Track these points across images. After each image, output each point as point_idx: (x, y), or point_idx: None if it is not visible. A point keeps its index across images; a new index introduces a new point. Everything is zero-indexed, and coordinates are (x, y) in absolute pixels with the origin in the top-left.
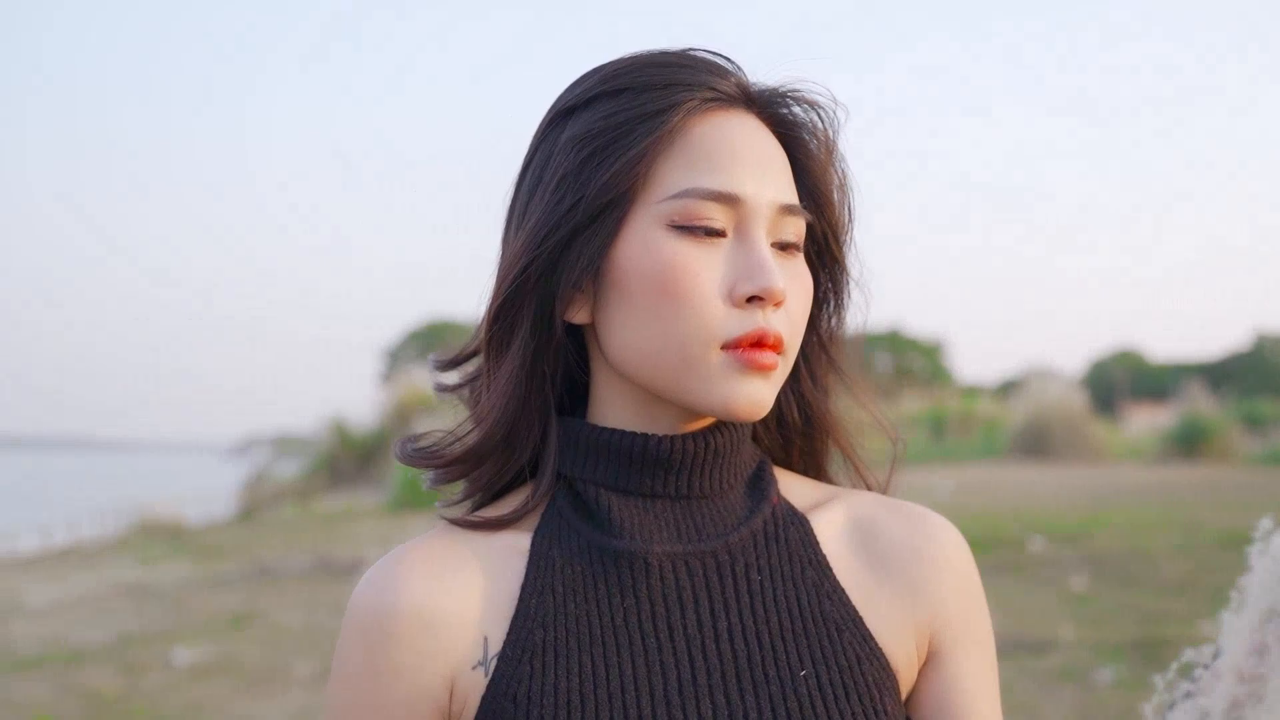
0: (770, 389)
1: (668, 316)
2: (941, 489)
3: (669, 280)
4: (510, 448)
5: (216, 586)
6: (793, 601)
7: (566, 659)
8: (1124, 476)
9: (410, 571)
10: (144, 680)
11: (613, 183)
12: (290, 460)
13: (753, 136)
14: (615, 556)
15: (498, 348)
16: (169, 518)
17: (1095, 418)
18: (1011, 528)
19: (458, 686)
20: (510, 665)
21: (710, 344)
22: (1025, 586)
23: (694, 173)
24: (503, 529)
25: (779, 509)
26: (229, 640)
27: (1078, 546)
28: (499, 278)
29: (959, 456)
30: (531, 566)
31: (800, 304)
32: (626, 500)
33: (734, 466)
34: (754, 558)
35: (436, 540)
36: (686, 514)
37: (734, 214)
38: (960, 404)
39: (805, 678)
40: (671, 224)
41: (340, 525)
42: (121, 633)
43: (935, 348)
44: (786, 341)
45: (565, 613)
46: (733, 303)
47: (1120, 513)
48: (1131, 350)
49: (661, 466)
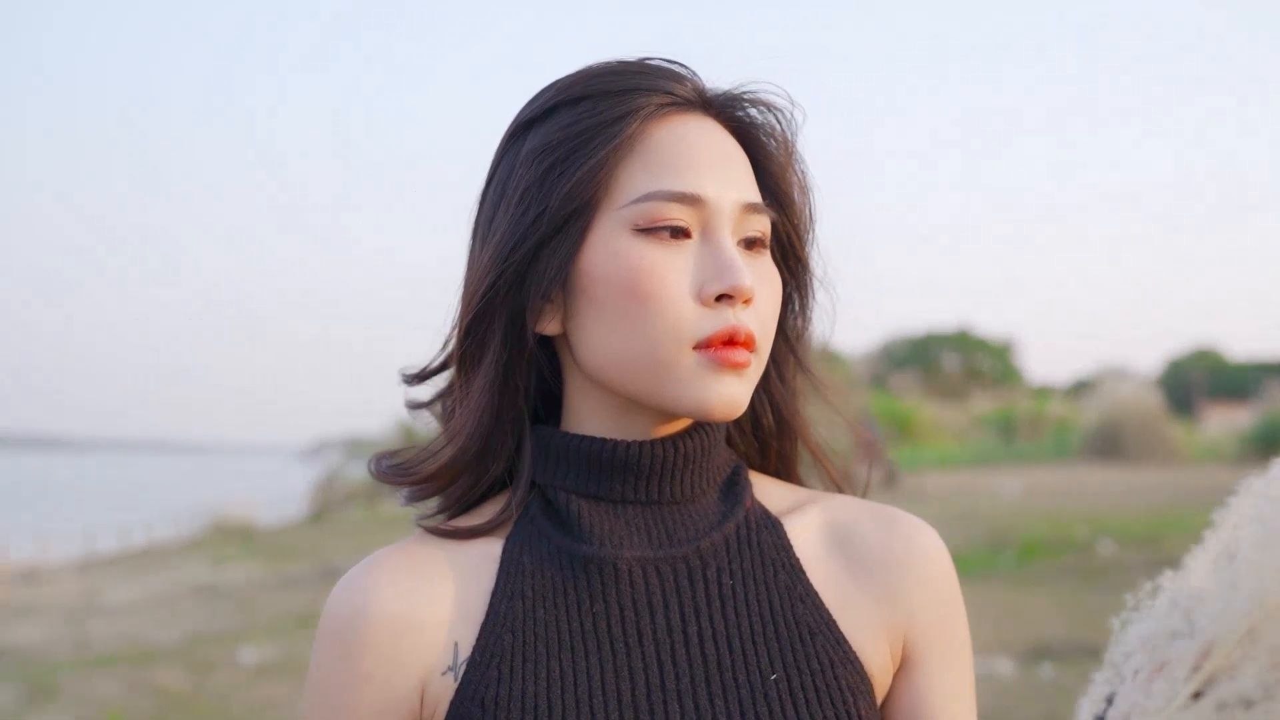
0: (745, 387)
1: (638, 319)
2: (1010, 490)
3: (637, 283)
4: (484, 461)
5: (285, 587)
6: (765, 605)
7: (534, 664)
8: (1201, 478)
9: (382, 577)
10: (211, 679)
11: (575, 192)
12: (360, 462)
13: (712, 138)
14: (584, 562)
15: (470, 362)
16: (241, 519)
17: (1171, 418)
18: (1081, 531)
19: (428, 691)
20: (479, 670)
21: (682, 344)
22: (1093, 591)
23: (655, 176)
24: (478, 537)
25: (752, 513)
26: (295, 640)
27: (1150, 551)
28: (467, 293)
29: (1029, 458)
30: (502, 572)
31: (769, 302)
32: (597, 506)
33: (706, 471)
34: (726, 562)
35: (411, 547)
36: (658, 519)
37: (698, 214)
38: (1031, 405)
39: (775, 681)
40: (636, 228)
41: (408, 527)
42: (192, 632)
43: (1005, 347)
44: (758, 339)
45: (534, 618)
46: (702, 302)
47: (1196, 516)
48: (1210, 349)
49: (631, 472)
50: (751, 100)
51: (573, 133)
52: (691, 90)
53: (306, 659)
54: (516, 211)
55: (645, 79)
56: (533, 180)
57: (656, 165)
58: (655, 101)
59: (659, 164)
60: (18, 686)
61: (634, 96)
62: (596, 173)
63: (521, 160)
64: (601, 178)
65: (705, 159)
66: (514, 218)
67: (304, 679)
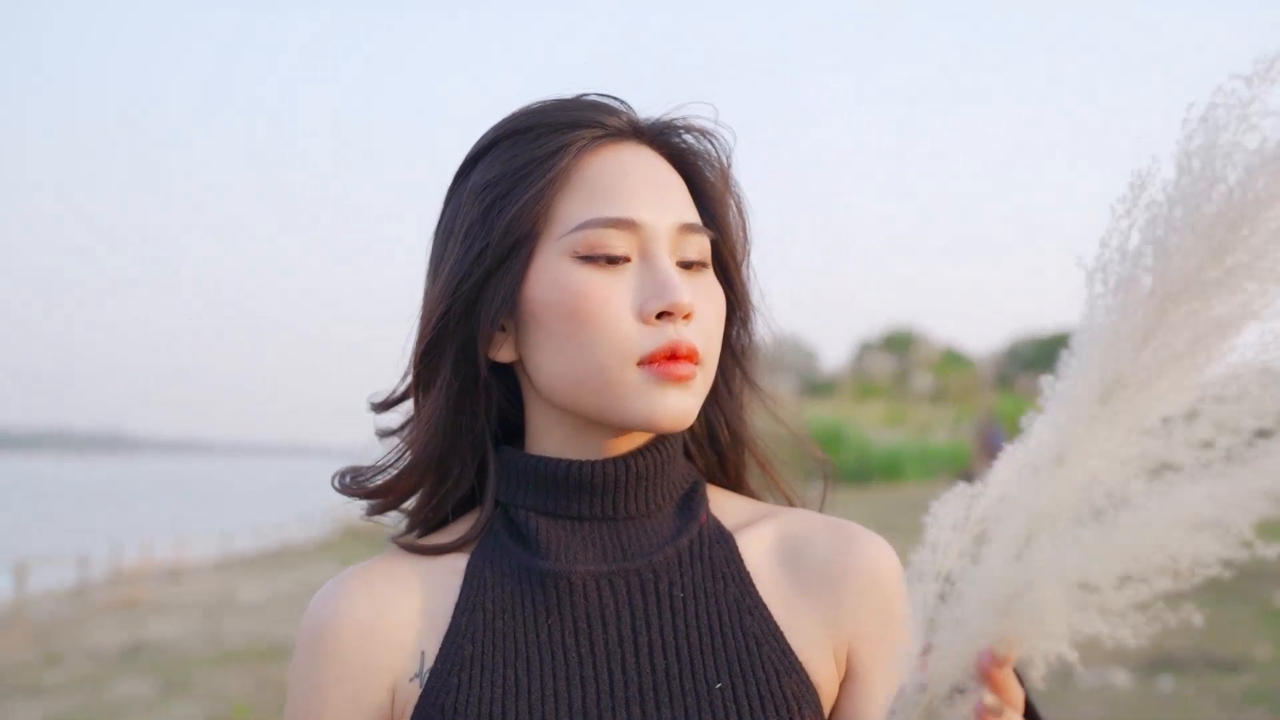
0: (691, 398)
1: (584, 341)
2: None
3: (579, 307)
4: (441, 480)
5: None
6: (714, 617)
7: (492, 672)
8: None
9: (354, 590)
10: None
11: (514, 225)
12: None
13: (646, 164)
14: (541, 576)
15: (423, 389)
16: (371, 521)
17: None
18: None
19: (397, 696)
20: (440, 678)
21: (627, 361)
22: (1220, 601)
23: (592, 204)
24: (446, 553)
25: (706, 528)
26: None
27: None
28: (421, 324)
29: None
30: (465, 586)
31: (712, 317)
32: (554, 523)
33: (661, 488)
34: (678, 575)
35: (382, 562)
36: (613, 534)
37: (635, 239)
38: None
39: (721, 690)
40: (576, 255)
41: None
42: None
43: None
44: (702, 352)
45: (494, 629)
46: (644, 320)
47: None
48: None
49: (586, 490)
50: (684, 127)
51: (511, 169)
52: (625, 122)
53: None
54: (463, 247)
55: (579, 113)
56: (476, 216)
57: (592, 194)
58: (589, 134)
59: (594, 193)
60: (155, 679)
61: (568, 130)
62: (534, 205)
63: (466, 197)
64: (540, 209)
65: (640, 185)
66: (460, 252)
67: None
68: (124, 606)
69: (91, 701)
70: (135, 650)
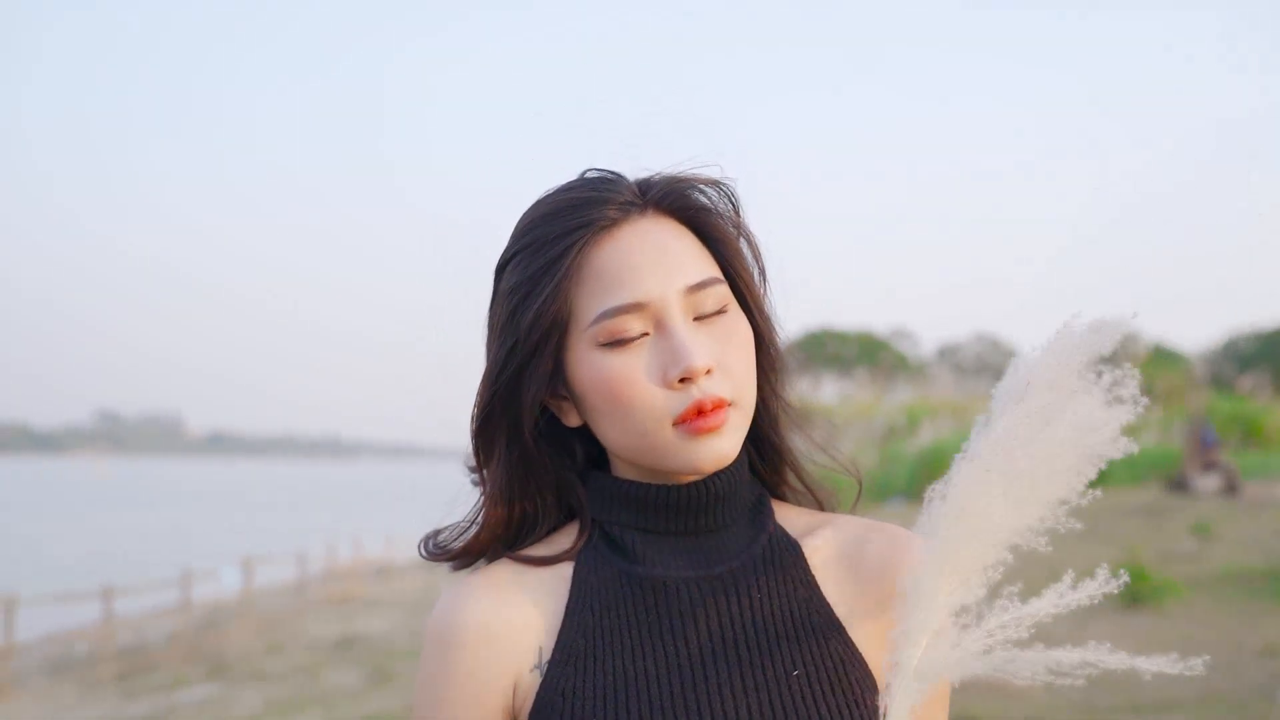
0: (725, 440)
1: (623, 417)
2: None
3: (613, 390)
4: (522, 524)
5: None
6: (787, 614)
7: (602, 662)
8: None
9: (476, 594)
10: None
11: (537, 324)
12: None
13: (648, 239)
14: (640, 581)
15: (484, 462)
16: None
17: None
18: None
19: (519, 686)
20: (559, 667)
21: (663, 424)
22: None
23: (603, 297)
24: (553, 564)
25: (774, 537)
26: None
27: None
28: (474, 407)
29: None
30: (574, 590)
31: (738, 357)
32: (647, 537)
33: (733, 505)
34: (754, 579)
35: (498, 569)
36: (697, 546)
37: (647, 315)
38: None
39: (798, 676)
40: (599, 343)
41: None
42: None
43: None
44: (731, 395)
45: (601, 626)
46: (669, 386)
47: None
48: None
49: (671, 510)
50: (688, 185)
51: (527, 276)
52: (626, 200)
53: None
54: (498, 342)
55: (580, 211)
56: (505, 318)
57: (602, 286)
58: (587, 234)
59: (603, 284)
60: (363, 670)
61: (570, 234)
62: (550, 305)
63: (498, 300)
64: (557, 308)
65: (641, 264)
66: (496, 348)
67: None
68: (338, 601)
69: (307, 688)
70: (347, 642)
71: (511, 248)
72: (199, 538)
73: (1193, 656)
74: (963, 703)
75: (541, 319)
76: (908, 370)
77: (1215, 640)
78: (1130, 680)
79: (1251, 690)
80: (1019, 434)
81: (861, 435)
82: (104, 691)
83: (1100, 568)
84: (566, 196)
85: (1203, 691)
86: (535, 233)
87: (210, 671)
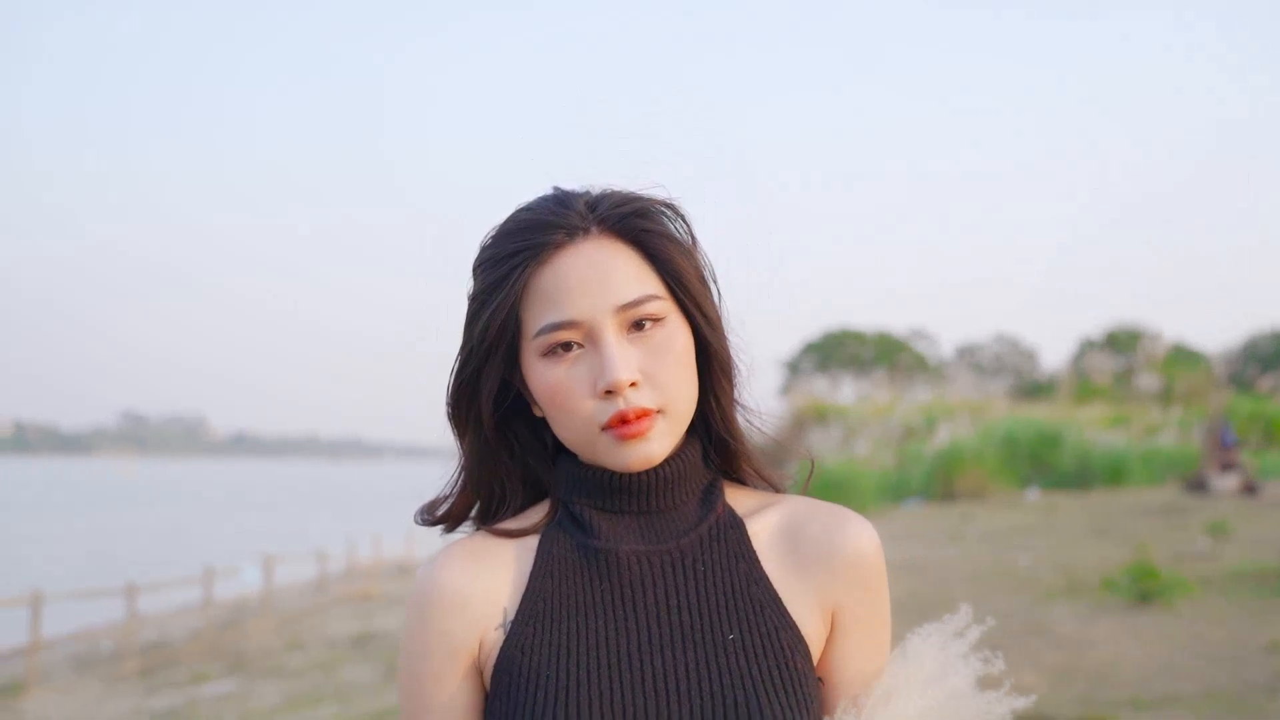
0: (653, 444)
1: (563, 419)
2: None
3: (552, 397)
4: (488, 500)
5: None
6: (727, 586)
7: (557, 623)
8: None
9: (451, 562)
10: None
11: (486, 334)
12: None
13: (585, 261)
14: (596, 553)
15: (459, 438)
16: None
17: None
18: None
19: (485, 643)
20: (519, 627)
21: (594, 429)
22: None
23: (542, 313)
24: (521, 536)
25: (723, 516)
26: None
27: None
28: (446, 394)
29: None
30: (538, 560)
31: (670, 369)
32: (605, 515)
33: (683, 488)
34: (699, 554)
35: (473, 540)
36: (649, 523)
37: (580, 330)
38: None
39: (732, 640)
40: (541, 353)
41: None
42: None
43: None
44: (658, 404)
45: (560, 592)
46: (599, 396)
47: None
48: None
49: (624, 492)
50: (634, 207)
51: (483, 288)
52: (573, 225)
53: None
54: (464, 339)
55: (531, 235)
56: (468, 321)
57: (542, 304)
58: (534, 255)
59: (543, 303)
60: (379, 666)
61: (519, 255)
62: (497, 318)
63: (468, 301)
64: (504, 320)
65: (578, 285)
66: (462, 343)
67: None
68: (358, 599)
69: (324, 683)
70: (365, 639)
71: (478, 256)
72: (220, 537)
73: (1192, 653)
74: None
75: (490, 329)
76: (926, 370)
77: (1222, 637)
78: (1133, 675)
79: (1254, 686)
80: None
81: (879, 436)
82: (128, 686)
83: (962, 607)
84: (525, 217)
85: (1205, 687)
86: (494, 249)
87: (230, 667)
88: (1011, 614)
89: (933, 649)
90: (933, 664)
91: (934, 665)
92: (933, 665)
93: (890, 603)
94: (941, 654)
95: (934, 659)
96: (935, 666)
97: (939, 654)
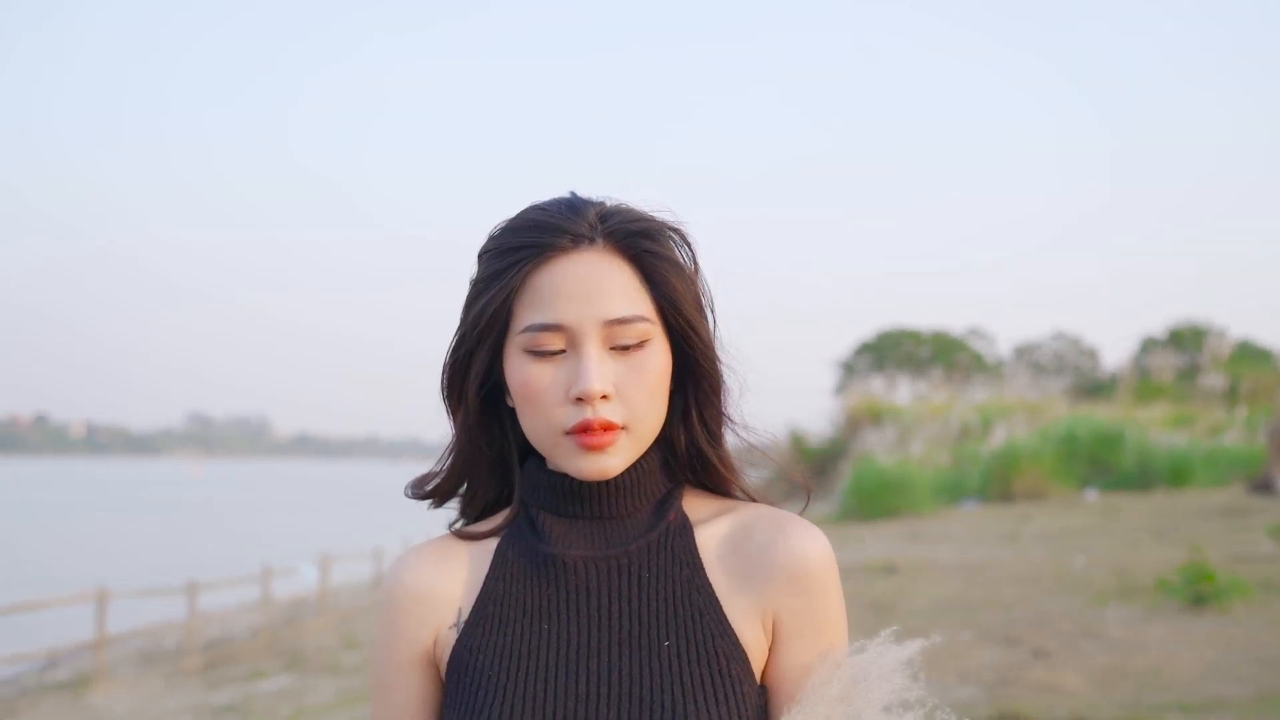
0: (612, 459)
1: (532, 415)
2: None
3: (526, 392)
4: (472, 485)
5: None
6: (669, 593)
7: (506, 624)
8: None
9: (414, 564)
10: None
11: (477, 323)
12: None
13: (584, 270)
14: (546, 558)
15: (450, 417)
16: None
17: None
18: None
19: (439, 640)
20: (471, 627)
21: (557, 432)
22: None
23: (533, 312)
24: (484, 538)
25: (674, 524)
26: None
27: None
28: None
29: None
30: (494, 563)
31: (643, 389)
32: (558, 520)
33: (637, 496)
34: (646, 560)
35: (437, 542)
36: (600, 529)
37: (565, 336)
38: None
39: (668, 647)
40: (525, 350)
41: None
42: None
43: None
44: (624, 420)
45: (510, 594)
46: (570, 401)
47: None
48: None
49: (577, 497)
50: (640, 227)
51: (482, 277)
52: (580, 233)
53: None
54: (458, 326)
55: (536, 234)
56: (465, 305)
57: (535, 303)
58: (536, 255)
59: (536, 302)
60: None
61: (520, 252)
62: (490, 309)
63: (469, 285)
64: (497, 311)
65: (570, 293)
66: (458, 326)
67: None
68: None
69: None
70: None
71: (485, 244)
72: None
73: (1245, 656)
74: (1009, 700)
75: (484, 317)
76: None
77: (1276, 640)
78: (1181, 678)
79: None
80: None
81: (935, 435)
82: (189, 682)
83: (888, 630)
84: (536, 216)
85: (1256, 691)
86: (500, 241)
87: (287, 664)
88: (1063, 616)
89: (849, 667)
90: (841, 684)
91: (841, 686)
92: (840, 686)
93: (844, 610)
94: (854, 672)
95: (847, 677)
96: (843, 687)
97: (852, 672)
